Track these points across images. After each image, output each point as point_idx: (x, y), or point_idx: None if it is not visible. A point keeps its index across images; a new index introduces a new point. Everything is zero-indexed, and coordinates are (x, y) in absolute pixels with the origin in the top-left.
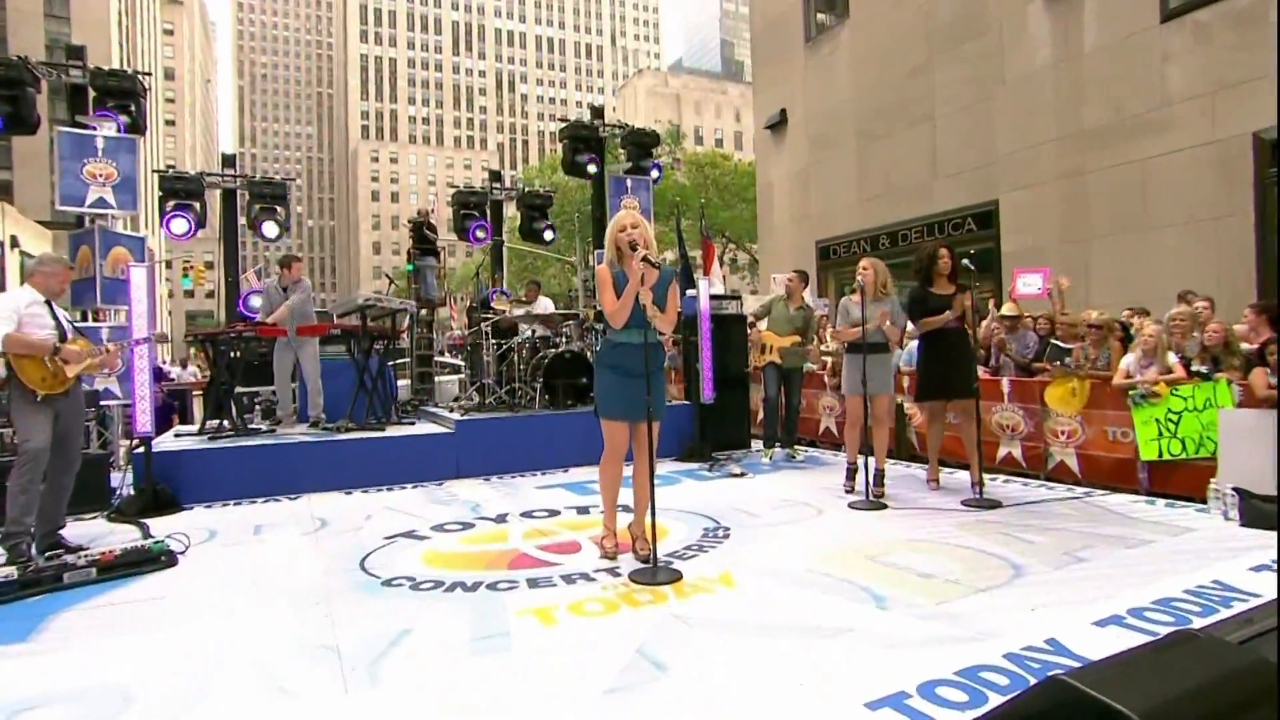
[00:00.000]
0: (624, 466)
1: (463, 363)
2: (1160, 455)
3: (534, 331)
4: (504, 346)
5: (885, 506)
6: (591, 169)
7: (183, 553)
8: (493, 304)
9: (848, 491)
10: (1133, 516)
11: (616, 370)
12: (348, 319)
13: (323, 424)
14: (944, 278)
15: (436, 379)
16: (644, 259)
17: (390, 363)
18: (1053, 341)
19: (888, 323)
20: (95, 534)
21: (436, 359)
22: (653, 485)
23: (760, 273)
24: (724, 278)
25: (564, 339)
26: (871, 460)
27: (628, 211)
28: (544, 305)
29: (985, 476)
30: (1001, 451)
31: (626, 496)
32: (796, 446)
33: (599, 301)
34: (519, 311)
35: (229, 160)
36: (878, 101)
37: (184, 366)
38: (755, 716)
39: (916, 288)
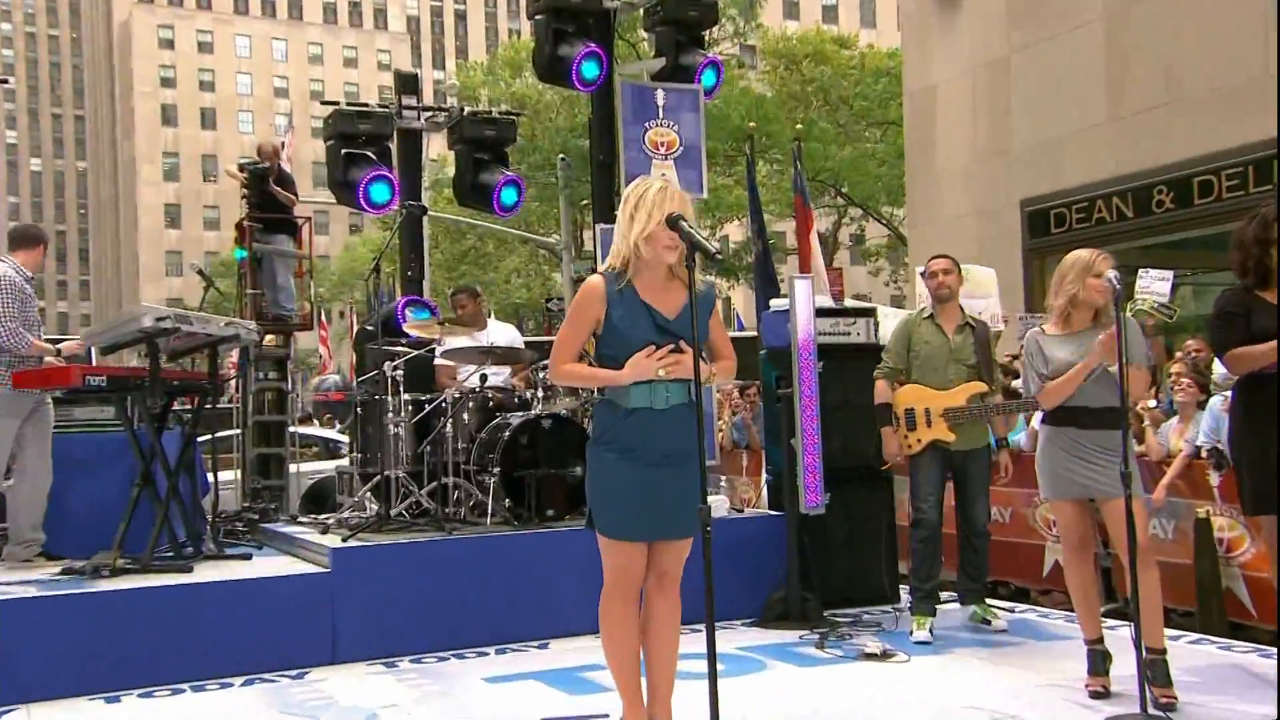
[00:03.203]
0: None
1: (345, 438)
2: None
3: (483, 380)
4: (426, 407)
5: None
6: (589, 71)
7: None
8: (405, 326)
9: (1096, 695)
10: None
11: (626, 455)
12: (116, 355)
13: (44, 558)
14: None
15: (293, 469)
16: (685, 235)
17: (203, 438)
18: None
19: (1109, 364)
20: None
21: (294, 430)
22: (713, 669)
23: (910, 258)
24: (841, 275)
25: (538, 393)
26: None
27: (661, 181)
28: (499, 333)
29: None
30: None
31: None
32: (990, 604)
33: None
34: (456, 341)
35: None
36: None
37: None
38: None
39: (1232, 293)
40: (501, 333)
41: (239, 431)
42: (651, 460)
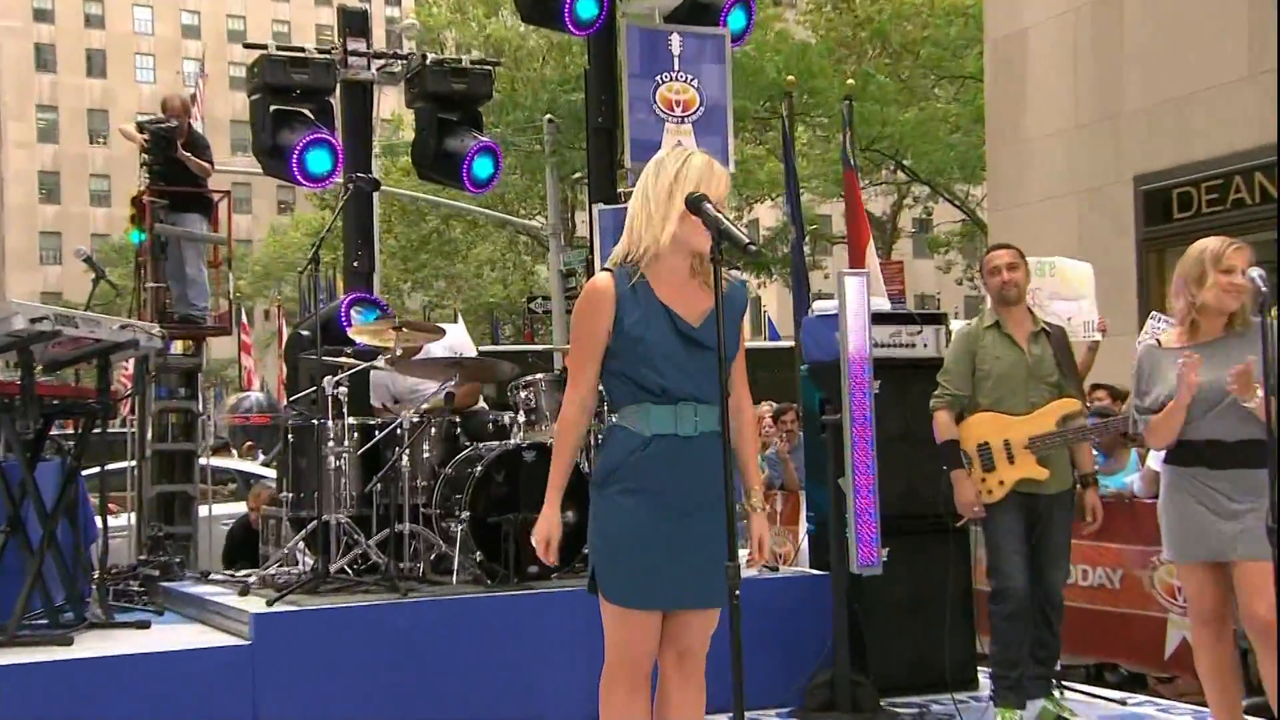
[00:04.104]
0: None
1: (271, 473)
2: None
3: (449, 400)
4: (376, 434)
5: None
6: (586, 9)
7: None
8: (350, 331)
9: None
10: None
11: (645, 499)
12: None
13: None
14: None
15: (203, 512)
16: (711, 221)
17: (88, 472)
18: None
19: (1258, 391)
20: None
21: (206, 463)
22: None
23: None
24: (903, 270)
25: (517, 416)
26: None
27: (696, 154)
28: (456, 342)
29: None
30: None
31: None
32: (1063, 695)
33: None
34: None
35: None
36: None
37: None
38: None
39: None
40: (456, 342)
41: (135, 464)
42: (678, 506)
